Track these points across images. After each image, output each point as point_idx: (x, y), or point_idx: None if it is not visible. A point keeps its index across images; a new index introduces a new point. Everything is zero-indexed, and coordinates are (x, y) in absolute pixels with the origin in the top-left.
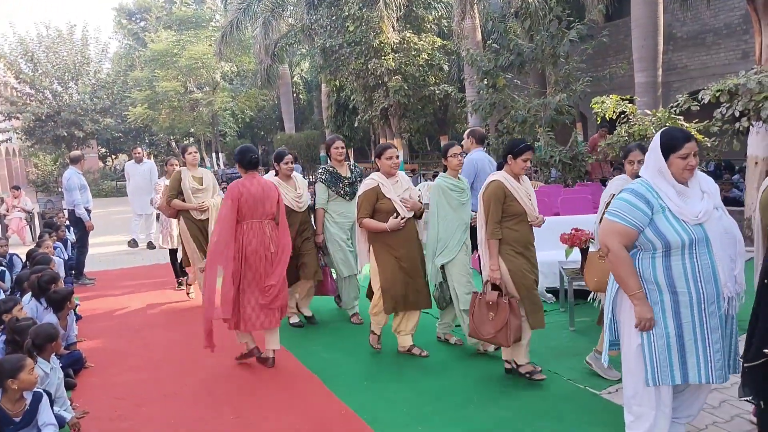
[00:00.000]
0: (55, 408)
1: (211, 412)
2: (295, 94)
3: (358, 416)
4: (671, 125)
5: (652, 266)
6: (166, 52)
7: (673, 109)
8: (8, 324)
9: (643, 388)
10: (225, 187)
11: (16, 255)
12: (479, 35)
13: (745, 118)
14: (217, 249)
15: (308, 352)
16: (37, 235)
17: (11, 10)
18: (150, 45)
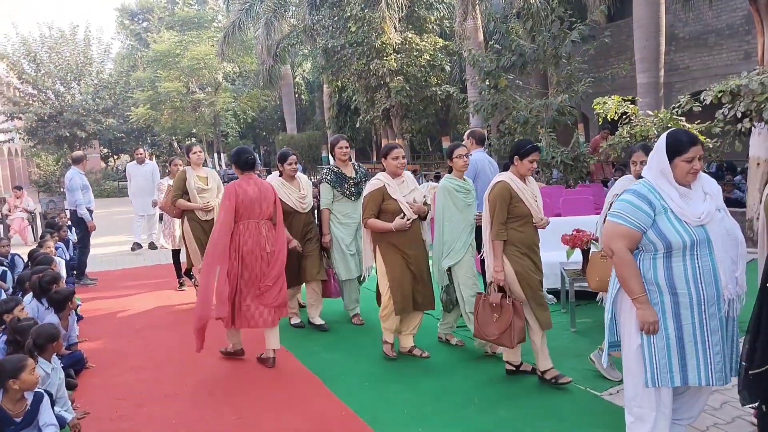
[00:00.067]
0: (56, 408)
1: (212, 412)
2: (297, 95)
3: (359, 417)
4: (674, 126)
5: (653, 267)
6: (169, 53)
7: (675, 109)
8: (9, 324)
9: (643, 390)
10: None
11: (18, 255)
12: (481, 36)
13: (747, 119)
14: (215, 249)
15: (309, 353)
16: (39, 236)
17: (11, 9)
18: (152, 45)
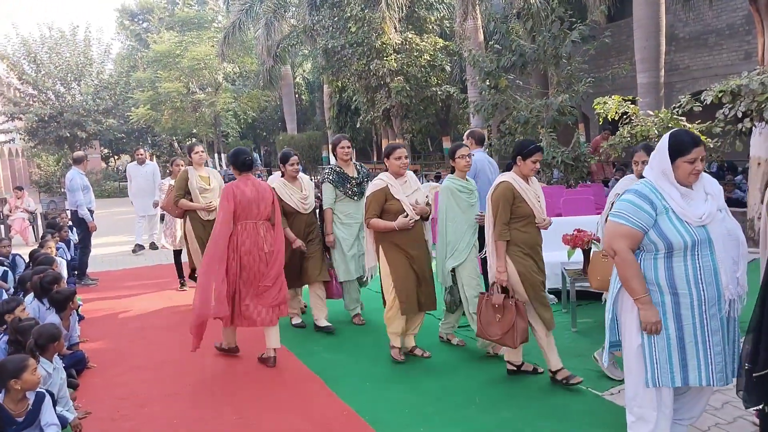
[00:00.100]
0: (57, 408)
1: (213, 412)
2: (297, 95)
3: (360, 417)
4: (674, 126)
5: (653, 267)
6: (169, 53)
7: (676, 109)
8: (11, 324)
9: (643, 389)
10: None
11: (19, 255)
12: (481, 36)
13: (747, 119)
14: (215, 249)
15: (310, 353)
16: (40, 236)
17: (11, 9)
18: (152, 46)
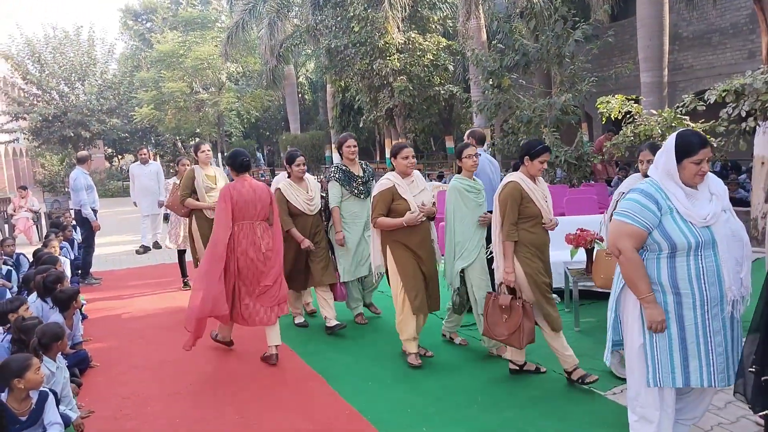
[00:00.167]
0: (60, 407)
1: (215, 411)
2: (300, 95)
3: (363, 416)
4: (678, 125)
5: (656, 267)
6: (172, 53)
7: (679, 109)
8: (14, 323)
9: (645, 389)
10: None
11: (23, 255)
12: (484, 35)
13: (751, 118)
14: (214, 250)
15: (313, 352)
16: (44, 235)
17: (11, 9)
18: (156, 46)
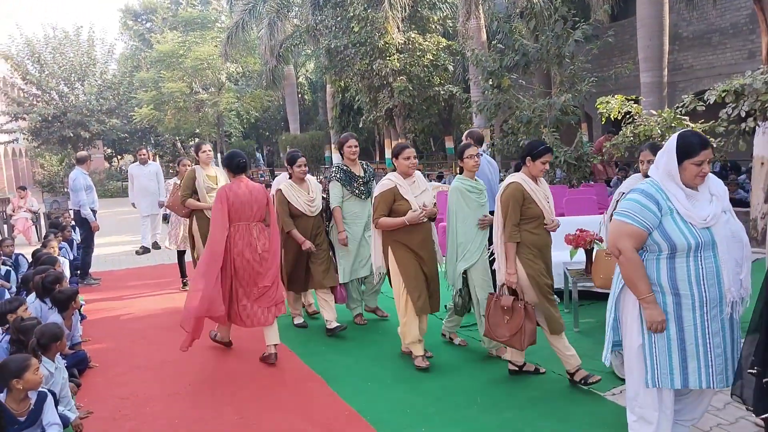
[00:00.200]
0: (59, 408)
1: (214, 412)
2: (300, 95)
3: (362, 417)
4: (678, 126)
5: (656, 268)
6: (172, 53)
7: (679, 109)
8: (13, 324)
9: (644, 390)
10: None
11: (22, 255)
12: (484, 35)
13: (751, 119)
14: (212, 250)
15: (312, 353)
16: (43, 236)
17: (11, 9)
18: (156, 46)
